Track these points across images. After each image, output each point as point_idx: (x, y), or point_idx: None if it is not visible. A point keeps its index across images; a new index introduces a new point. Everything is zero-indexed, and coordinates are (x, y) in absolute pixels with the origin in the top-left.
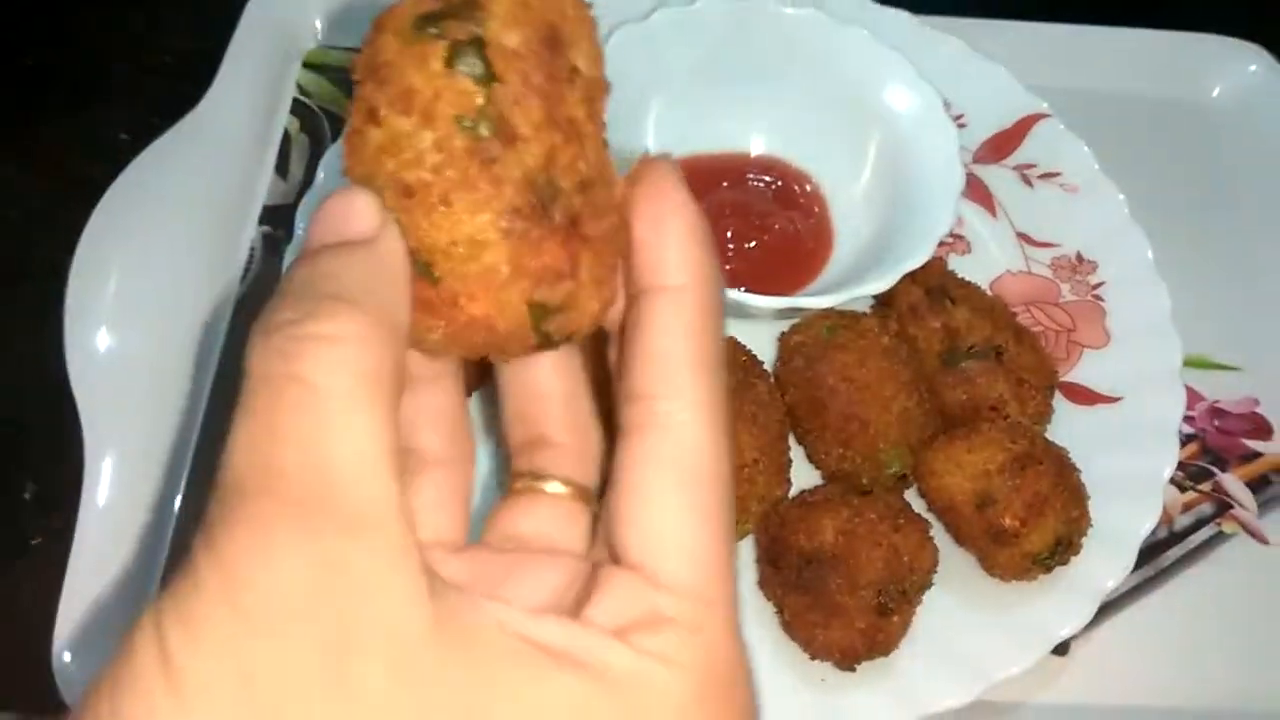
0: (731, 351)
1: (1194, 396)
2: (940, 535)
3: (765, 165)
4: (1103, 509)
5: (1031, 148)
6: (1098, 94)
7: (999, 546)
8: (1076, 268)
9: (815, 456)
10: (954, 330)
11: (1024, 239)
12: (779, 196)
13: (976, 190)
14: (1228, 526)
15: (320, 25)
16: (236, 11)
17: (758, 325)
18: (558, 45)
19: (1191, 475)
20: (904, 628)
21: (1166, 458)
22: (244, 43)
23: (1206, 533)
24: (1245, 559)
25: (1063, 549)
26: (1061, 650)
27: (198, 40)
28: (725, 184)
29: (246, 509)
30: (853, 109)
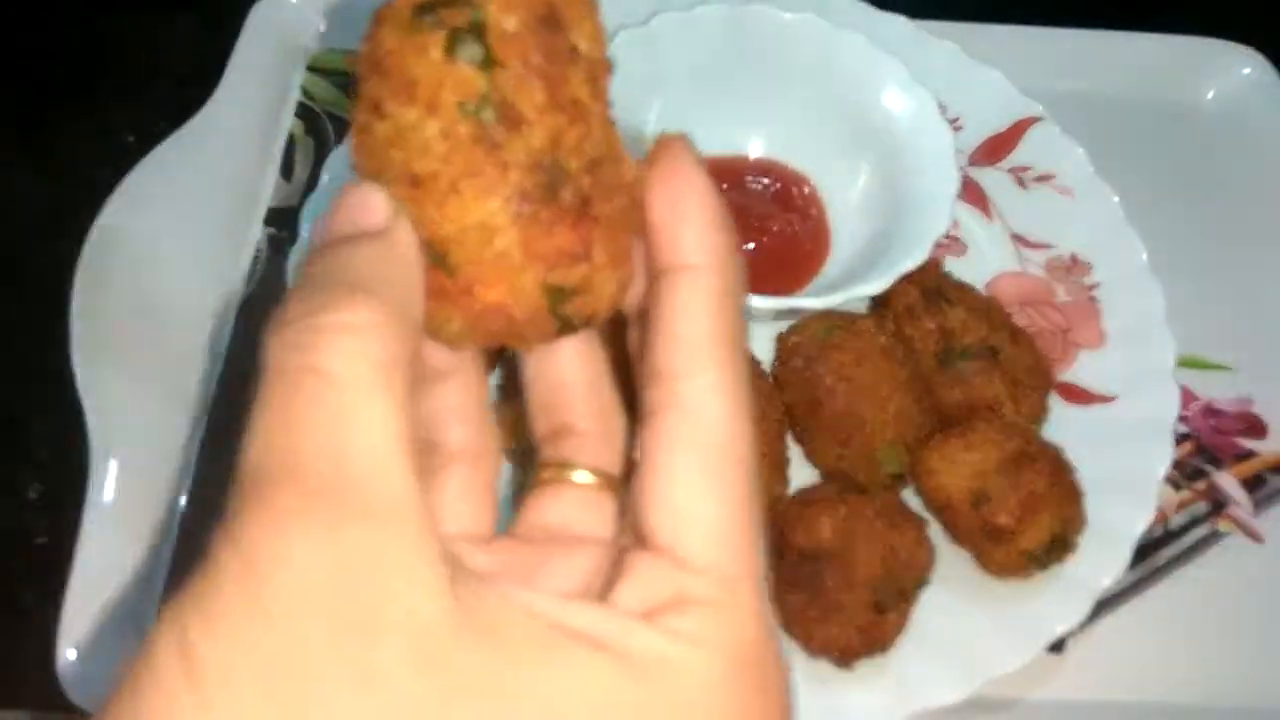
0: None
1: (1188, 396)
2: (937, 534)
3: (763, 168)
4: (1098, 508)
5: (1026, 150)
6: (1092, 97)
7: (995, 545)
8: (1071, 269)
9: (813, 455)
10: (950, 331)
11: (1019, 241)
12: (777, 199)
13: (972, 193)
14: (1222, 525)
15: (324, 28)
16: (241, 16)
17: (756, 326)
18: (557, 26)
19: (1186, 474)
20: (901, 625)
21: (1161, 457)
22: (248, 46)
23: (1201, 531)
24: (1240, 557)
25: (1058, 547)
26: (1057, 648)
27: (203, 44)
28: (724, 186)
29: (265, 500)
30: (850, 112)
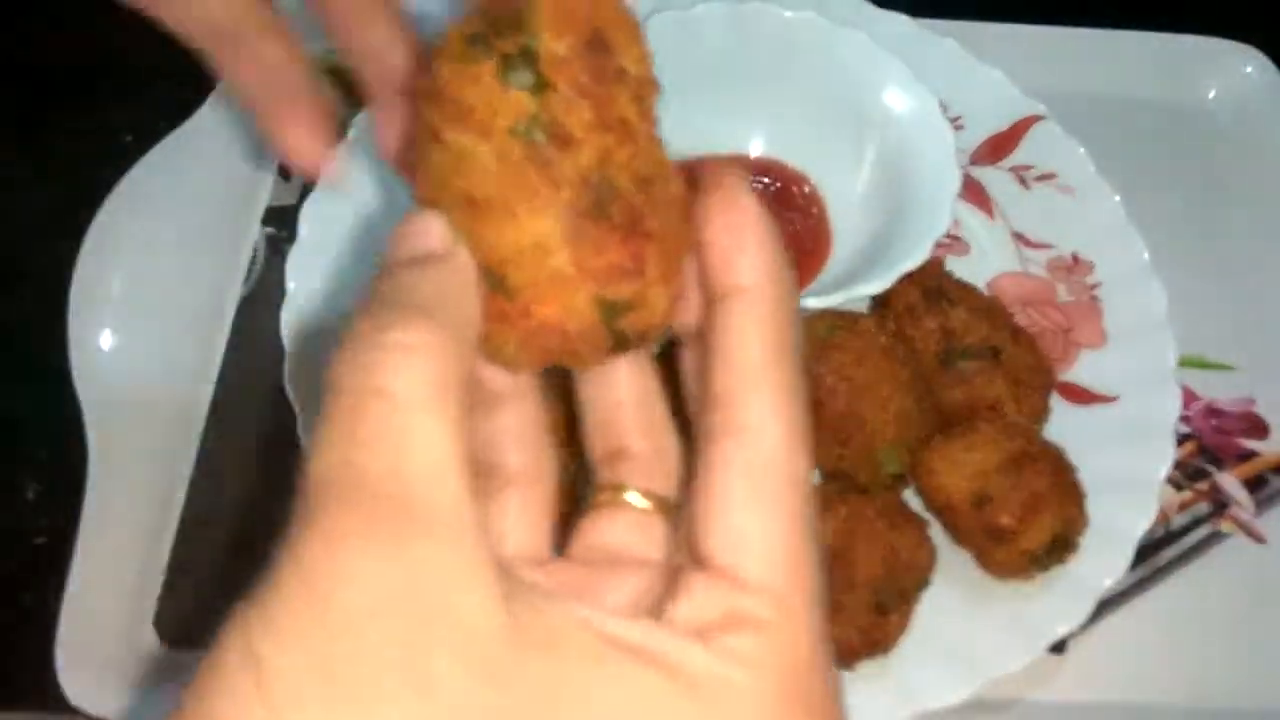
0: None
1: (1190, 396)
2: (938, 534)
3: (764, 167)
4: (1099, 508)
5: (1028, 150)
6: (1094, 97)
7: (996, 545)
8: (1073, 268)
9: (813, 455)
10: (951, 330)
11: (1020, 240)
12: (777, 198)
13: (973, 192)
14: (1224, 526)
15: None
16: None
17: None
18: (604, 49)
19: (1188, 474)
20: (902, 626)
21: (1163, 457)
22: None
23: (1203, 532)
24: (1242, 558)
25: (1060, 548)
26: (1059, 648)
27: None
28: None
29: (327, 514)
30: (851, 111)
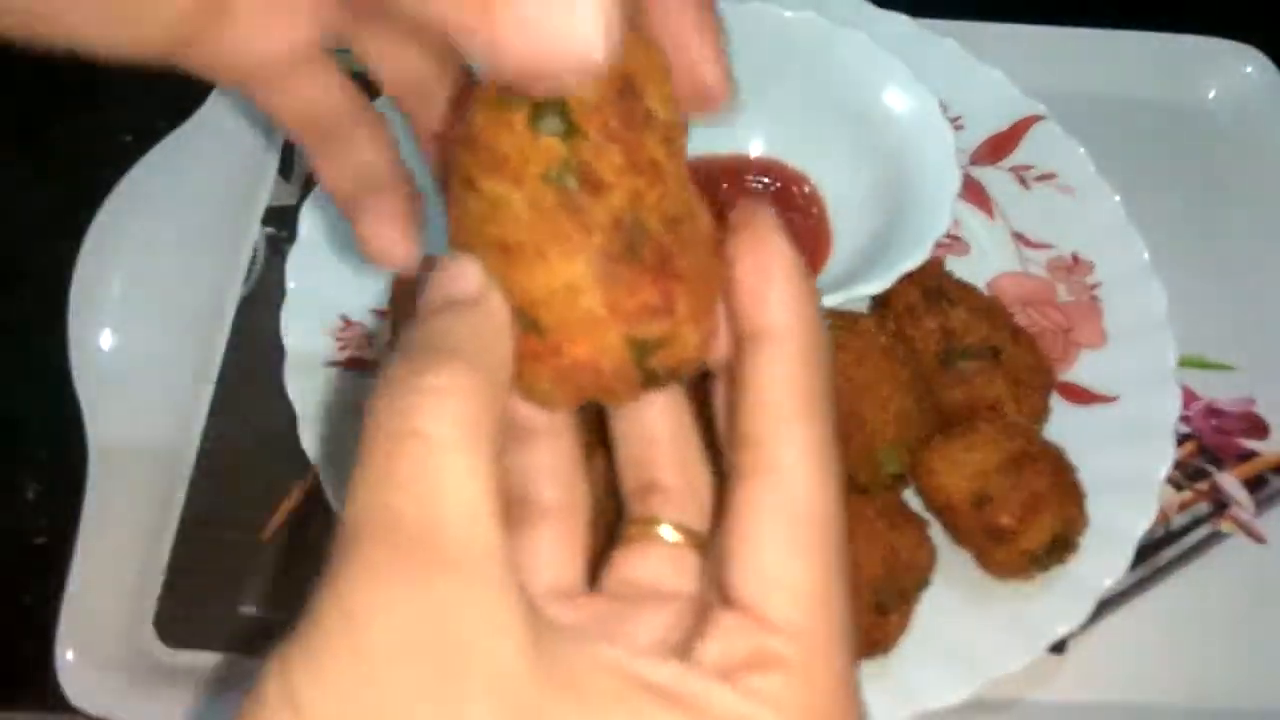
0: None
1: (1190, 396)
2: (938, 534)
3: (764, 167)
4: (1099, 508)
5: (1028, 150)
6: (1094, 97)
7: (996, 545)
8: (1073, 268)
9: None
10: (951, 330)
11: (1020, 240)
12: (777, 198)
13: (973, 192)
14: (1224, 526)
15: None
16: None
17: None
18: (633, 94)
19: (1188, 474)
20: (902, 626)
21: (1163, 457)
22: None
23: (1203, 532)
24: (1242, 558)
25: (1060, 548)
26: (1059, 648)
27: None
28: (724, 185)
29: (362, 553)
30: (850, 111)
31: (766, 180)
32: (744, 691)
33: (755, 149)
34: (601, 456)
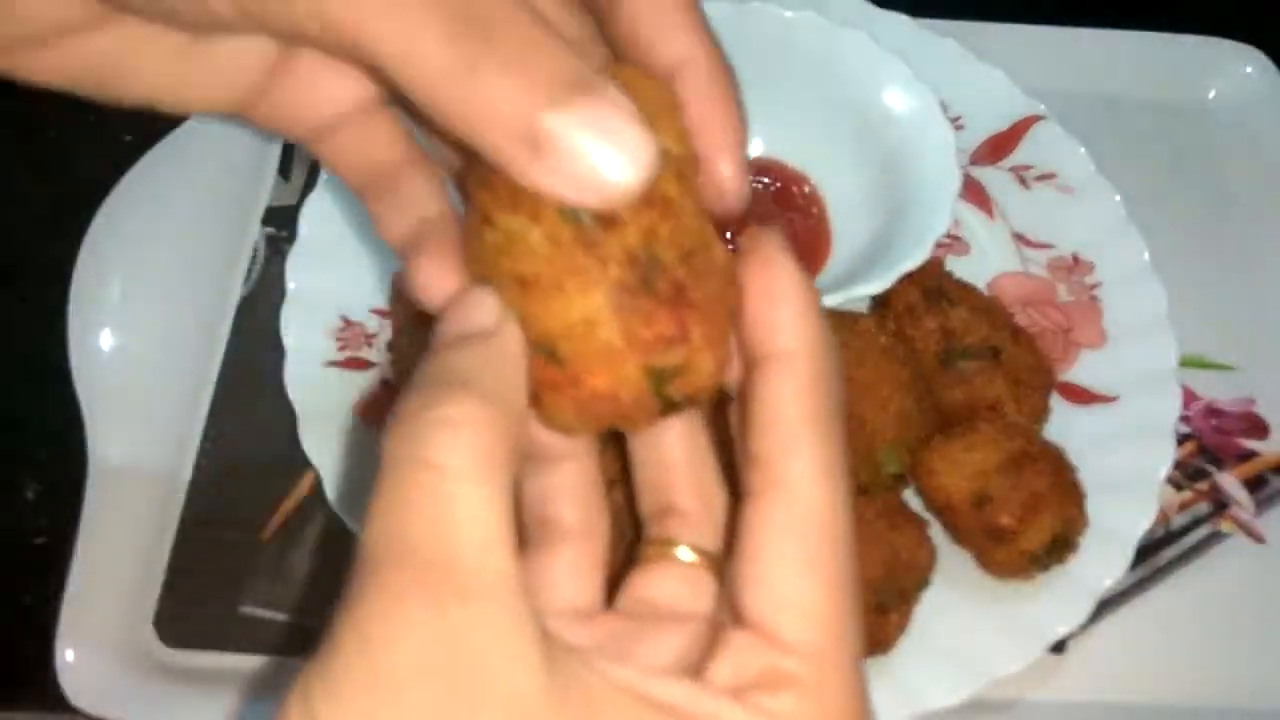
0: None
1: (1190, 396)
2: (938, 534)
3: (763, 166)
4: (1100, 508)
5: (1028, 149)
6: (1094, 96)
7: (996, 545)
8: (1073, 268)
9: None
10: (951, 330)
11: (1021, 240)
12: (777, 198)
13: (974, 192)
14: (1224, 526)
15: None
16: None
17: None
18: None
19: (1188, 474)
20: (902, 626)
21: (1163, 457)
22: None
23: (1203, 532)
24: (1242, 558)
25: (1060, 548)
26: (1059, 648)
27: None
28: None
29: (380, 580)
30: (851, 111)
31: (766, 180)
32: (755, 711)
33: (755, 149)
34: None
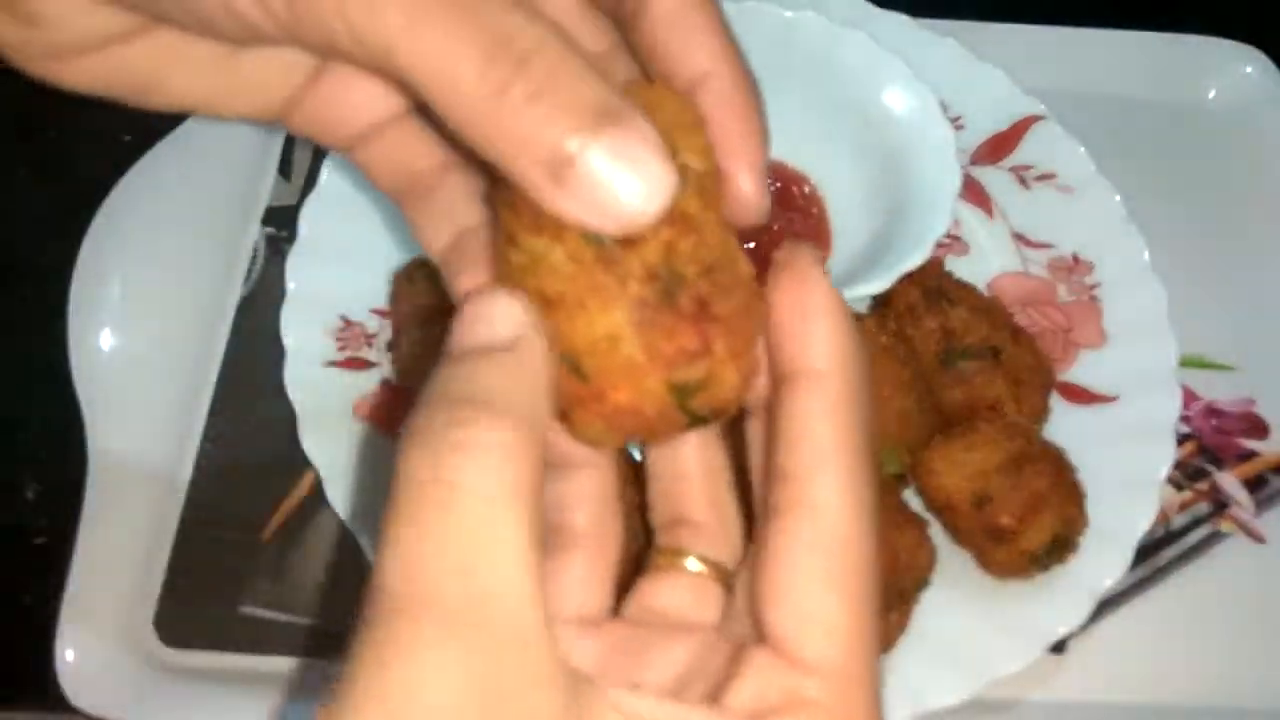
0: None
1: (1190, 396)
2: (938, 534)
3: None
4: (1100, 508)
5: (1028, 149)
6: (1094, 96)
7: (997, 545)
8: (1073, 268)
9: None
10: (951, 330)
11: (1021, 240)
12: (777, 198)
13: (973, 192)
14: (1224, 525)
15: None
16: None
17: None
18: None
19: (1188, 474)
20: (902, 626)
21: (1163, 457)
22: None
23: (1203, 532)
24: (1242, 558)
25: (1060, 548)
26: (1059, 648)
27: None
28: None
29: (401, 617)
30: (851, 111)
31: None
32: None
33: None
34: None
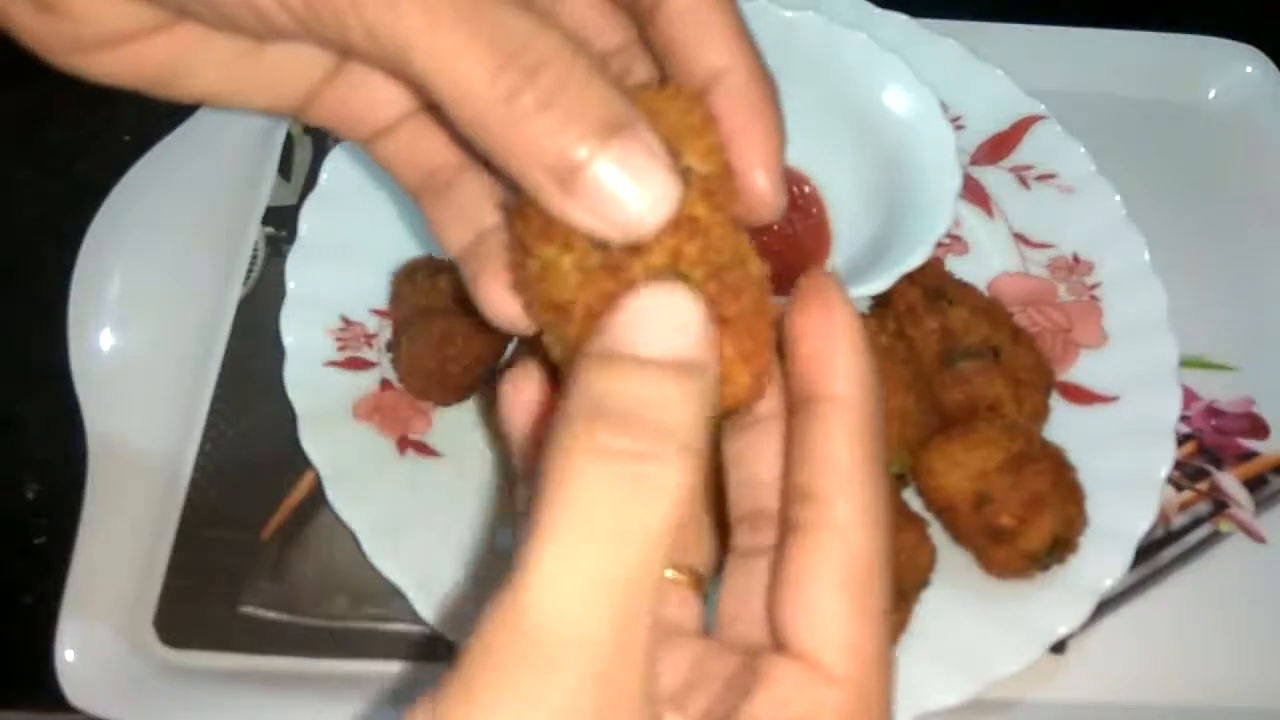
0: None
1: (1190, 396)
2: (938, 534)
3: None
4: (1100, 508)
5: (1028, 149)
6: (1094, 96)
7: (997, 545)
8: (1073, 268)
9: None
10: (951, 330)
11: (1021, 240)
12: None
13: (974, 192)
14: (1224, 525)
15: None
16: None
17: None
18: (671, 155)
19: (1188, 474)
20: (902, 626)
21: (1163, 457)
22: None
23: (1203, 532)
24: (1242, 558)
25: (1060, 548)
26: (1059, 648)
27: None
28: None
29: (535, 644)
30: (851, 111)
31: None
32: None
33: None
34: None
